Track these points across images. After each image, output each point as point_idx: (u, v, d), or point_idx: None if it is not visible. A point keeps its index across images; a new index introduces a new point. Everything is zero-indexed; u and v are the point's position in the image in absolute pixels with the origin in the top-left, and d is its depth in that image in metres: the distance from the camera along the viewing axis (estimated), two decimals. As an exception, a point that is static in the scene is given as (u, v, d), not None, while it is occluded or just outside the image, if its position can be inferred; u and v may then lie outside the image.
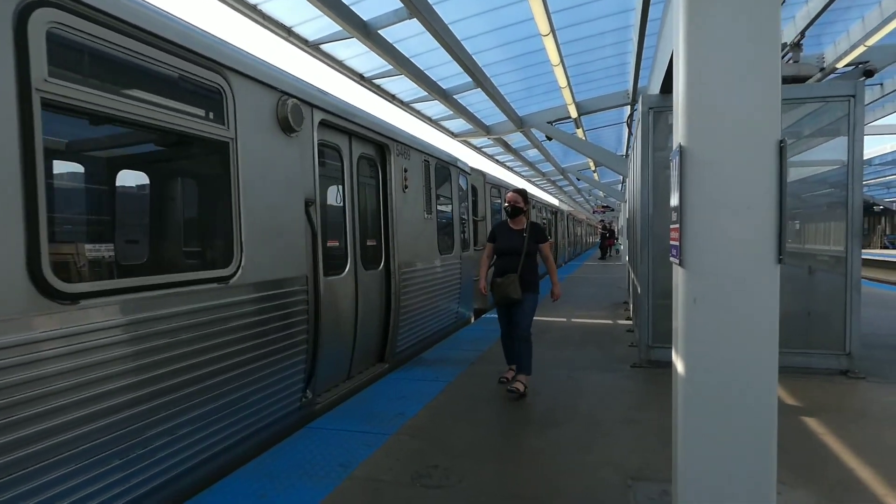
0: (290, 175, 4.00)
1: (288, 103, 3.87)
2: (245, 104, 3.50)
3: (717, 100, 2.42)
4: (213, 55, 3.24)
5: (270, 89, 3.77)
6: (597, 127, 16.29)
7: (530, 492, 3.05)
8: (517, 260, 4.93)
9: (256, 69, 3.65)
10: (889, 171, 29.21)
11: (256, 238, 3.57)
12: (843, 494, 2.95)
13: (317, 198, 4.28)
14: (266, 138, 3.73)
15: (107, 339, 2.55)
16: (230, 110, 3.37)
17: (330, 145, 4.80)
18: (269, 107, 3.77)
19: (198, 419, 3.08)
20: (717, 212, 2.45)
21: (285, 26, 6.94)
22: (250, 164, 3.53)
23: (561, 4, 7.66)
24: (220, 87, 3.32)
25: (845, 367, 5.24)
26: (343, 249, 5.00)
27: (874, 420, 4.08)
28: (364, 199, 5.47)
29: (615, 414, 4.31)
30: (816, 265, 5.64)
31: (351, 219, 5.04)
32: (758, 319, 2.45)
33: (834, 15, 9.34)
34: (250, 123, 3.55)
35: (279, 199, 3.85)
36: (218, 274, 3.30)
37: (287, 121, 3.86)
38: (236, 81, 3.43)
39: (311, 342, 4.16)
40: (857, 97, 4.93)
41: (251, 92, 3.58)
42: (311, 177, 4.24)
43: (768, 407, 2.48)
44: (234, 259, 3.42)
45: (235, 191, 3.41)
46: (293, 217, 4.01)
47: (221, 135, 3.32)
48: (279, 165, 3.86)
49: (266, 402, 3.68)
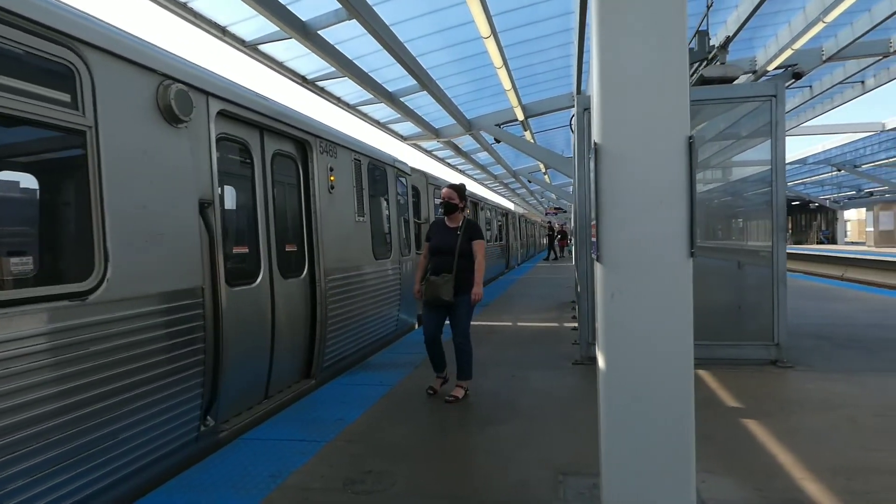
0: (178, 172, 3.48)
1: (171, 89, 3.36)
2: (109, 87, 2.96)
3: (628, 100, 2.47)
4: (62, 27, 2.72)
5: (147, 71, 3.24)
6: (547, 129, 16.56)
7: (462, 490, 3.04)
8: (451, 259, 4.70)
9: (125, 46, 3.09)
10: (822, 169, 30.70)
11: (129, 245, 3.05)
12: (764, 480, 3.05)
13: (216, 198, 3.79)
14: (142, 128, 3.21)
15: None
16: (87, 94, 2.84)
17: (234, 140, 4.30)
18: (145, 92, 3.24)
19: (47, 464, 2.55)
20: (631, 208, 2.50)
21: (219, 25, 6.77)
22: (118, 157, 3.00)
23: (502, 7, 7.75)
24: (72, 67, 2.79)
25: (775, 357, 5.46)
26: (255, 256, 4.49)
27: (798, 407, 4.25)
28: (282, 201, 4.98)
29: (553, 411, 4.35)
30: (746, 260, 5.85)
31: (264, 222, 4.54)
32: (673, 312, 2.51)
33: (763, 19, 9.76)
34: (117, 110, 3.02)
35: (162, 199, 3.33)
36: (70, 289, 2.74)
37: (171, 109, 3.35)
38: (96, 60, 2.89)
39: (209, 363, 3.65)
40: (778, 97, 5.15)
41: (118, 73, 3.04)
42: (208, 174, 3.75)
43: (685, 397, 2.53)
44: (95, 271, 2.86)
45: (96, 189, 2.86)
46: (183, 220, 3.50)
47: (75, 122, 2.79)
48: (162, 160, 3.34)
49: (148, 435, 3.15)
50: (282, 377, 4.86)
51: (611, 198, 2.52)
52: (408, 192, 8.58)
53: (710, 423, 3.95)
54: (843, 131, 22.78)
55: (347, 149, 6.05)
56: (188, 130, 3.57)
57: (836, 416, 4.02)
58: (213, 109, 3.85)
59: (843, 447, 3.48)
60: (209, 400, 3.71)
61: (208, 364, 3.65)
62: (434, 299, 4.69)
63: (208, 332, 3.66)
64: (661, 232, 2.49)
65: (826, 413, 4.10)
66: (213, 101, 3.86)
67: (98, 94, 2.90)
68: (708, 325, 5.65)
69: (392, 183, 7.63)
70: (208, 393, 3.68)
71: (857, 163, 28.66)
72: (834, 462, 3.25)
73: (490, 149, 16.97)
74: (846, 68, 13.11)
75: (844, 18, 9.69)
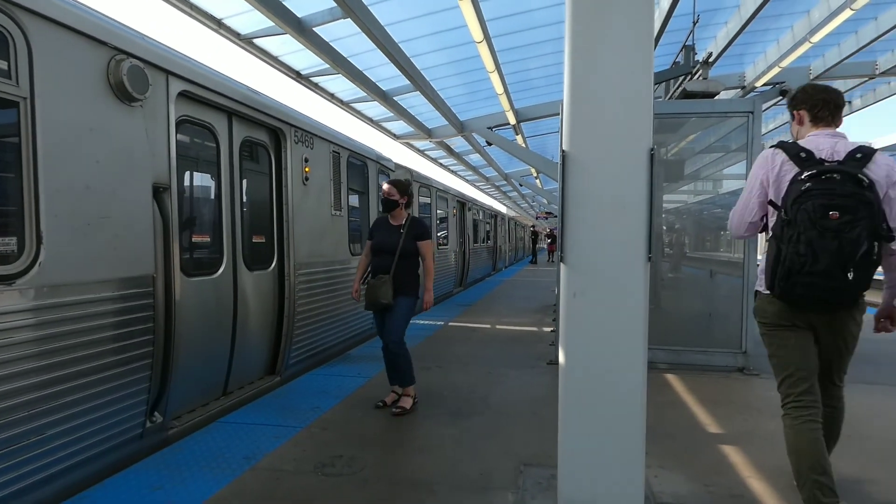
0: (130, 153, 3.31)
1: (124, 64, 3.19)
2: (49, 57, 2.80)
3: (595, 112, 2.62)
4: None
5: (96, 44, 3.07)
6: (541, 133, 16.71)
7: (427, 476, 3.18)
8: (392, 260, 4.36)
9: (70, 15, 2.92)
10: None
11: (67, 228, 2.88)
12: (713, 477, 3.21)
13: (173, 183, 3.63)
14: (88, 104, 3.04)
15: None
16: (23, 62, 2.68)
17: (198, 123, 4.13)
18: (93, 65, 3.07)
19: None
20: (594, 213, 2.65)
21: (215, 18, 6.85)
22: (57, 133, 2.83)
23: (497, 12, 7.88)
24: (5, 32, 2.62)
25: (742, 365, 5.64)
26: (217, 246, 4.35)
27: (757, 412, 4.42)
28: (251, 190, 4.88)
29: (523, 406, 4.50)
30: (718, 270, 6.03)
31: (229, 211, 4.39)
32: (629, 312, 2.66)
33: (752, 36, 9.96)
34: (58, 82, 2.85)
35: (110, 181, 3.16)
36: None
37: (123, 86, 3.18)
38: (35, 27, 2.72)
39: (158, 356, 3.52)
40: (755, 113, 5.32)
41: (61, 43, 2.87)
42: (165, 158, 3.58)
43: (637, 394, 2.68)
44: (27, 253, 2.69)
45: (29, 165, 2.69)
46: (134, 204, 3.33)
47: (6, 92, 2.62)
48: (111, 140, 3.18)
49: (83, 431, 3.01)
50: (244, 373, 4.75)
51: (575, 203, 2.67)
52: None
53: (672, 423, 4.12)
54: (831, 149, 23.10)
55: (326, 140, 5.92)
56: (143, 110, 3.41)
57: (792, 422, 4.19)
58: (173, 90, 3.68)
59: (794, 450, 3.65)
60: (157, 395, 3.58)
61: (157, 357, 3.50)
62: (373, 304, 4.36)
63: (158, 323, 3.50)
64: (622, 237, 2.64)
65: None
66: (175, 81, 3.69)
67: (35, 64, 2.73)
68: (679, 331, 5.85)
69: (374, 178, 7.50)
70: (156, 388, 3.54)
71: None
72: (781, 463, 3.39)
73: (482, 151, 17.10)
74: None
75: (831, 39, 9.91)
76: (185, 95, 3.86)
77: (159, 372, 3.55)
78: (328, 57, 8.09)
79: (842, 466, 3.38)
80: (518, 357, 6.28)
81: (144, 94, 3.38)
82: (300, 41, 7.31)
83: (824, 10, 8.63)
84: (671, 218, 7.34)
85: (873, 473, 3.32)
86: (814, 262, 2.40)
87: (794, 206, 2.46)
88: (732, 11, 8.85)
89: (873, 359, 6.37)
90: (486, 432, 3.92)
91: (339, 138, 6.34)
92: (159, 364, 3.54)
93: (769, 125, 17.03)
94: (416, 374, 4.51)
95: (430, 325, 8.38)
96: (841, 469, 3.34)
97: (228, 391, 4.58)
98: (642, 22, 2.60)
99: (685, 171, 6.72)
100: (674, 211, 7.28)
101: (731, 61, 11.31)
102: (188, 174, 4.20)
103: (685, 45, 7.32)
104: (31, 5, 2.71)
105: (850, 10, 7.97)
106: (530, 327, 8.47)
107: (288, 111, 5.24)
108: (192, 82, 3.87)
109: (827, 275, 2.40)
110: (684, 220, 7.10)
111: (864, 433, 3.97)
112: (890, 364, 6.16)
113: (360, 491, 3.00)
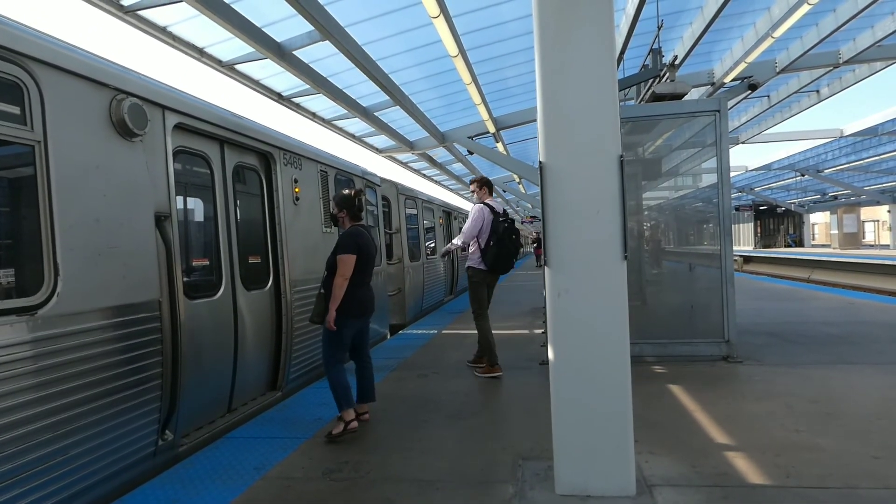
0: (133, 185, 3.50)
1: (125, 103, 3.38)
2: (59, 102, 2.99)
3: (567, 125, 2.84)
4: (9, 43, 2.74)
5: (99, 86, 3.27)
6: (521, 140, 17.01)
7: (431, 475, 3.34)
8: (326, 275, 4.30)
9: (75, 62, 3.12)
10: (787, 174, 31.74)
11: (81, 259, 3.04)
12: (700, 458, 3.40)
13: (173, 211, 3.80)
14: (94, 143, 3.22)
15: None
16: (36, 109, 2.87)
17: (193, 152, 4.32)
18: (97, 106, 3.26)
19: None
20: (572, 217, 2.86)
21: (197, 47, 7.04)
22: (68, 171, 3.01)
23: (470, 26, 8.12)
24: (20, 82, 2.81)
25: (726, 353, 5.86)
26: (216, 268, 4.51)
27: (740, 396, 4.64)
28: (245, 213, 5.03)
29: (518, 405, 4.69)
30: (697, 262, 6.27)
31: (226, 234, 4.54)
32: (611, 306, 2.86)
33: (717, 35, 10.29)
34: (68, 125, 3.04)
35: (116, 212, 3.34)
36: (18, 304, 2.74)
37: (124, 123, 3.36)
38: (46, 76, 2.92)
39: (168, 377, 3.65)
40: (721, 112, 5.58)
41: (68, 88, 3.06)
42: (165, 187, 3.76)
43: (623, 383, 2.88)
44: (46, 285, 2.87)
45: (45, 203, 2.88)
46: (138, 233, 3.51)
47: (23, 137, 2.81)
48: (116, 174, 3.35)
49: (103, 451, 3.15)
50: (246, 389, 4.88)
51: (555, 209, 2.88)
52: (378, 203, 8.63)
53: (658, 411, 4.32)
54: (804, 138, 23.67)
55: (313, 160, 6.12)
56: (143, 144, 3.58)
57: (774, 404, 4.41)
58: (169, 122, 3.86)
59: (775, 429, 3.86)
60: (168, 414, 3.70)
61: (166, 377, 3.64)
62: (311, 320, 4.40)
63: (166, 345, 3.64)
64: (599, 238, 2.84)
65: (766, 401, 4.49)
66: (170, 115, 3.87)
67: (47, 110, 2.92)
68: (664, 325, 6.07)
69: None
70: (166, 407, 3.67)
71: (820, 167, 29.72)
72: (765, 442, 3.63)
73: (464, 160, 17.37)
74: (801, 79, 13.75)
75: (793, 33, 10.27)
76: (180, 127, 4.03)
77: (168, 391, 3.67)
78: (308, 78, 8.30)
79: (823, 442, 3.61)
80: (511, 359, 6.44)
81: (144, 130, 3.55)
82: (280, 65, 7.51)
83: (784, 6, 8.97)
84: (653, 214, 7.59)
85: (851, 446, 3.52)
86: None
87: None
88: (696, 13, 9.18)
89: (854, 340, 6.66)
90: (484, 432, 4.09)
91: (325, 158, 6.50)
92: (168, 384, 3.66)
93: (742, 118, 17.48)
94: (412, 381, 4.64)
95: (423, 335, 8.54)
96: (821, 444, 3.58)
97: (233, 408, 4.71)
98: (604, 39, 2.82)
99: (662, 169, 6.98)
100: (655, 207, 7.53)
101: (700, 59, 11.66)
102: (186, 201, 4.37)
103: (652, 48, 7.59)
104: (42, 56, 2.90)
105: (808, 5, 8.30)
106: (521, 330, 8.66)
107: (276, 135, 5.43)
108: (186, 114, 4.05)
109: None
110: (666, 215, 7.35)
111: (845, 410, 4.21)
112: (867, 344, 6.43)
113: (369, 492, 3.15)
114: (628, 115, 6.03)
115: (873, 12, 9.41)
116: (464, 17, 7.59)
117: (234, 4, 6.22)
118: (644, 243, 6.79)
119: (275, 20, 6.85)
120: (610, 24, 2.84)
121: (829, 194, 38.86)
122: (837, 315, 8.71)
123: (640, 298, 6.47)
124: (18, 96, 2.81)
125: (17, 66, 2.80)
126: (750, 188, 38.45)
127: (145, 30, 6.22)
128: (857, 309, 9.32)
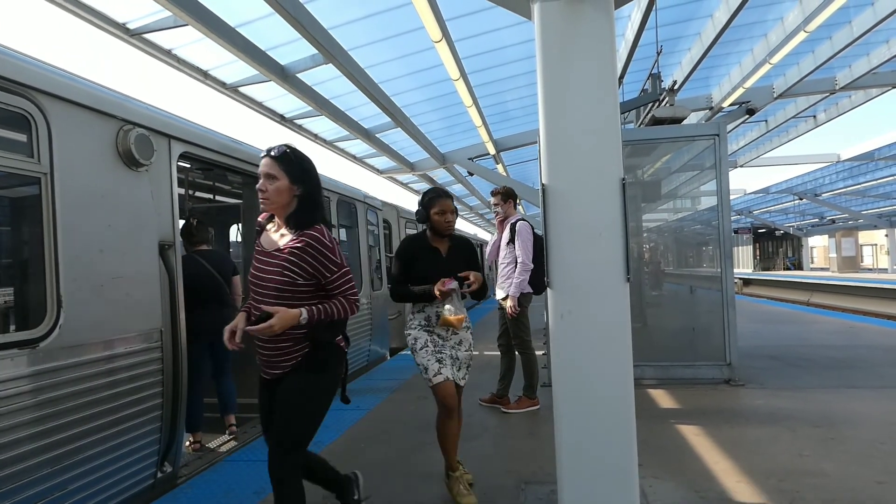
0: (138, 215, 3.47)
1: (131, 134, 3.36)
2: (66, 134, 2.97)
3: (570, 147, 2.86)
4: (17, 76, 2.73)
5: (106, 117, 3.26)
6: (521, 161, 17.13)
7: (432, 499, 3.31)
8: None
9: (84, 94, 3.11)
10: (785, 198, 31.91)
11: (84, 290, 3.00)
12: (703, 483, 3.37)
13: (176, 240, 3.81)
14: (100, 173, 3.20)
15: None
16: (43, 141, 2.85)
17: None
18: (104, 137, 3.24)
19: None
20: (574, 239, 2.86)
21: (202, 70, 7.12)
22: (74, 203, 2.98)
23: (471, 51, 8.24)
24: (27, 115, 2.80)
25: (727, 377, 5.83)
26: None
27: (743, 420, 4.61)
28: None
29: (521, 428, 4.65)
30: (698, 285, 6.27)
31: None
32: (614, 328, 2.85)
33: (716, 60, 10.44)
34: (74, 156, 3.01)
35: (121, 243, 3.31)
36: (20, 337, 2.71)
37: (131, 153, 3.34)
38: (54, 108, 2.91)
39: (168, 407, 3.58)
40: (721, 136, 5.64)
41: (75, 120, 3.05)
42: (169, 216, 3.73)
43: (627, 407, 2.85)
44: (48, 317, 2.81)
45: (49, 235, 2.83)
46: (142, 263, 3.48)
47: (29, 170, 2.79)
48: (121, 204, 3.33)
49: (102, 484, 3.07)
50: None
51: (557, 231, 2.88)
52: (379, 226, 8.63)
53: (661, 435, 4.28)
54: (802, 162, 23.85)
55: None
56: (149, 173, 3.57)
57: (777, 428, 4.38)
58: (175, 152, 3.86)
59: (779, 454, 3.83)
60: (167, 445, 3.63)
61: (167, 408, 3.58)
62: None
63: (167, 375, 3.59)
64: (602, 260, 2.84)
65: (769, 426, 4.46)
66: (176, 144, 3.87)
67: (54, 142, 2.90)
68: (665, 347, 6.05)
69: (362, 218, 7.70)
70: (166, 438, 3.60)
71: (818, 191, 29.89)
72: (769, 467, 3.60)
73: (464, 181, 17.47)
74: (797, 104, 13.92)
75: (790, 59, 10.42)
76: (185, 156, 4.05)
77: (169, 422, 3.61)
78: (311, 100, 8.38)
79: (827, 466, 3.58)
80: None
81: (150, 160, 3.54)
82: (284, 87, 7.59)
83: (781, 34, 9.12)
84: (653, 236, 7.62)
85: (855, 471, 3.49)
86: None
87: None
88: (695, 39, 9.33)
89: (855, 364, 6.63)
90: (486, 454, 4.06)
91: (329, 184, 6.55)
92: (169, 414, 3.60)
93: (740, 142, 17.63)
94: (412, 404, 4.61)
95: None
96: (826, 468, 3.54)
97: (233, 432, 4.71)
98: (605, 65, 2.86)
99: (662, 191, 7.02)
100: (655, 229, 7.56)
101: (699, 84, 11.82)
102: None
103: (651, 73, 7.70)
104: (49, 88, 2.89)
105: (805, 32, 8.44)
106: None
107: None
108: (191, 143, 4.06)
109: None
110: (666, 237, 7.37)
111: (848, 435, 4.18)
112: (869, 368, 6.41)
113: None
114: (629, 138, 6.09)
115: (869, 40, 9.56)
116: (465, 42, 7.70)
117: (240, 28, 6.31)
118: (644, 265, 6.81)
119: (279, 43, 6.93)
120: (611, 51, 2.89)
121: (827, 218, 39.01)
122: (838, 339, 8.69)
123: (641, 320, 6.46)
124: (26, 128, 2.80)
125: (25, 99, 2.79)
126: (748, 211, 38.61)
127: (151, 53, 6.30)
128: (857, 332, 9.30)
